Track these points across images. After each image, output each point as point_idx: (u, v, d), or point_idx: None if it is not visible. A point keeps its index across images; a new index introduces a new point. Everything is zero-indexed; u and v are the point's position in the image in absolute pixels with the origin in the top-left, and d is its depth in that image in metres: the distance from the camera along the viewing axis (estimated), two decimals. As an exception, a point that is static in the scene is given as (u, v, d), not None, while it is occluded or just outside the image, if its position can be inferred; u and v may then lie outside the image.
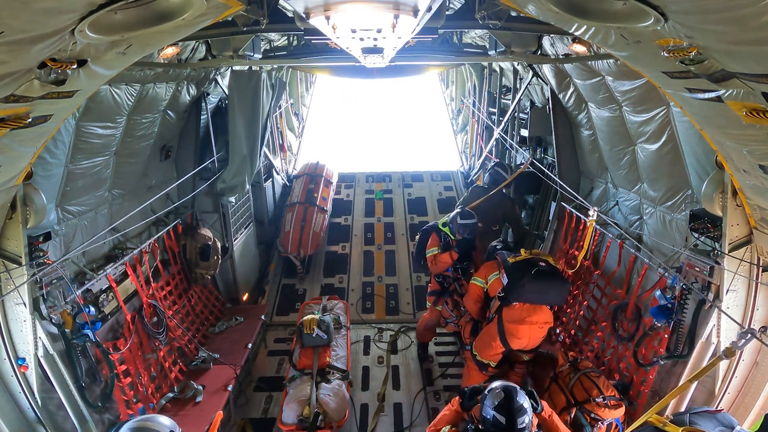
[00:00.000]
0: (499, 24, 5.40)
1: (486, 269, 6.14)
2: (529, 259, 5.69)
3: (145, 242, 6.68)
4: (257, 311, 8.64)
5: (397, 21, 3.25)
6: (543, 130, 8.50)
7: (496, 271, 5.93)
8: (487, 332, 5.85)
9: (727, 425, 3.25)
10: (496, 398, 3.48)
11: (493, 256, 6.27)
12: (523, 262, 5.65)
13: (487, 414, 3.47)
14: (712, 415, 3.33)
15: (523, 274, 5.45)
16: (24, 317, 4.50)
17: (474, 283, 6.22)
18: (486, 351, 5.82)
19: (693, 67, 2.53)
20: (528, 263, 5.60)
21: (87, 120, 5.21)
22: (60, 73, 2.72)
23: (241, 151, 8.22)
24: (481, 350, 5.88)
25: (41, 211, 4.51)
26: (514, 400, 3.46)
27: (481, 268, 6.27)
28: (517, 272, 5.52)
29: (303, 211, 10.56)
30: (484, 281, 6.08)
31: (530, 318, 5.51)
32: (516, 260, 5.71)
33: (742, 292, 4.33)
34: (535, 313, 5.53)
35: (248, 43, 6.50)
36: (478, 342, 5.97)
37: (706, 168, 4.58)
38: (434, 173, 14.40)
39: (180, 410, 5.94)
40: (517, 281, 5.46)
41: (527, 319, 5.50)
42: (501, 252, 6.06)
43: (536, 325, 5.56)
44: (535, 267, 5.48)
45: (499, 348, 5.70)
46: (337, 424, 5.59)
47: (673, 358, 4.76)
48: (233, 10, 3.85)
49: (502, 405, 3.44)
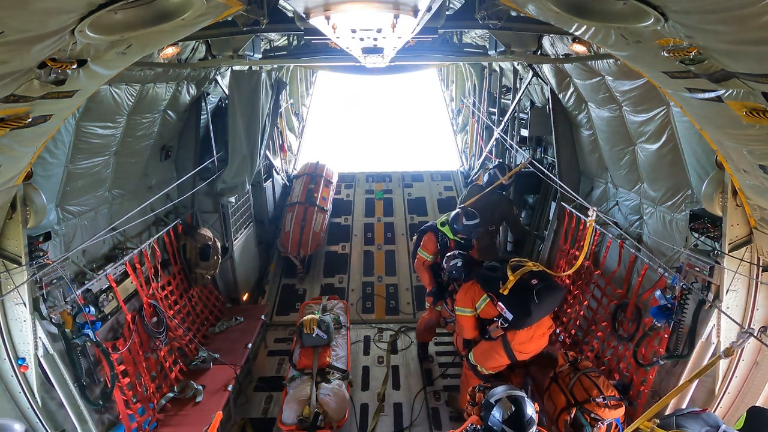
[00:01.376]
0: (499, 24, 5.40)
1: (467, 295, 5.76)
2: (520, 282, 5.39)
3: (145, 242, 6.68)
4: (257, 311, 8.65)
5: (397, 21, 3.25)
6: (543, 130, 8.50)
7: (482, 295, 5.60)
8: (490, 347, 5.64)
9: (713, 425, 3.26)
10: (507, 410, 3.43)
11: (458, 276, 6.06)
12: (517, 288, 5.36)
13: (495, 425, 3.43)
14: (697, 416, 3.35)
15: (528, 304, 5.22)
16: (24, 317, 4.50)
17: (463, 315, 5.80)
18: (490, 363, 5.67)
19: (693, 67, 2.53)
20: (524, 289, 5.32)
21: (87, 120, 5.21)
22: (60, 73, 2.72)
23: (241, 151, 8.22)
24: (483, 363, 5.71)
25: (41, 211, 4.51)
26: (524, 412, 3.42)
27: (459, 293, 5.88)
28: (520, 305, 5.27)
29: (303, 211, 10.56)
30: (471, 309, 5.74)
31: (537, 333, 5.47)
32: (507, 288, 5.38)
33: (742, 292, 4.33)
34: (540, 327, 5.50)
35: (248, 43, 6.50)
36: (479, 355, 5.75)
37: (706, 168, 4.57)
38: (434, 173, 14.40)
39: (180, 410, 5.95)
40: (525, 316, 5.25)
41: (534, 336, 5.47)
42: (479, 274, 5.72)
43: (542, 336, 5.55)
44: (532, 289, 5.27)
45: (504, 362, 5.58)
46: (337, 424, 5.59)
47: (673, 358, 4.76)
48: (233, 10, 3.85)
49: (512, 418, 3.40)
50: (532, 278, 5.41)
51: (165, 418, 5.81)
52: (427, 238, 7.16)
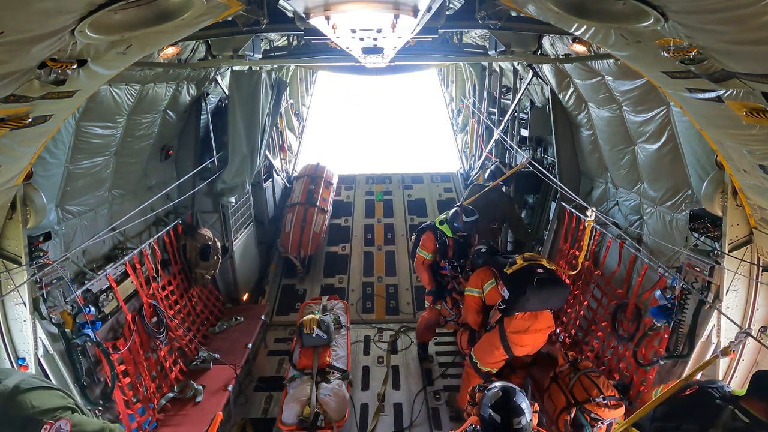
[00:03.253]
0: (499, 24, 5.39)
1: (478, 277, 5.87)
2: (526, 266, 5.48)
3: (145, 242, 6.68)
4: (257, 311, 8.64)
5: (397, 21, 3.25)
6: (543, 130, 8.49)
7: (491, 279, 5.70)
8: (488, 341, 5.69)
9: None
10: (494, 398, 3.48)
11: (479, 261, 6.11)
12: (521, 271, 5.44)
13: (484, 413, 3.47)
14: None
15: (525, 285, 5.27)
16: (24, 317, 4.50)
17: (470, 294, 5.90)
18: (487, 359, 5.69)
19: (693, 67, 2.53)
20: (526, 272, 5.39)
21: (87, 120, 5.20)
22: (60, 73, 2.72)
23: (241, 151, 8.22)
24: (482, 358, 5.73)
25: (41, 211, 4.51)
26: (512, 400, 3.45)
27: (472, 276, 6.00)
28: (518, 284, 5.33)
29: (303, 212, 10.56)
30: (480, 290, 5.82)
31: (534, 326, 5.44)
32: (513, 270, 5.48)
33: (742, 292, 4.33)
34: (538, 321, 5.45)
35: (248, 43, 6.49)
36: (478, 351, 5.80)
37: (706, 168, 4.57)
38: (434, 175, 14.47)
39: (180, 410, 5.94)
40: (520, 294, 5.28)
41: (531, 328, 5.43)
42: (494, 258, 5.84)
43: (540, 333, 5.51)
44: (535, 275, 5.31)
45: (501, 356, 5.59)
46: (337, 424, 5.59)
47: (673, 358, 4.76)
48: (233, 10, 3.85)
49: (499, 404, 3.43)
50: (539, 268, 5.45)
51: (165, 418, 5.81)
52: (425, 237, 7.16)
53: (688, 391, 2.99)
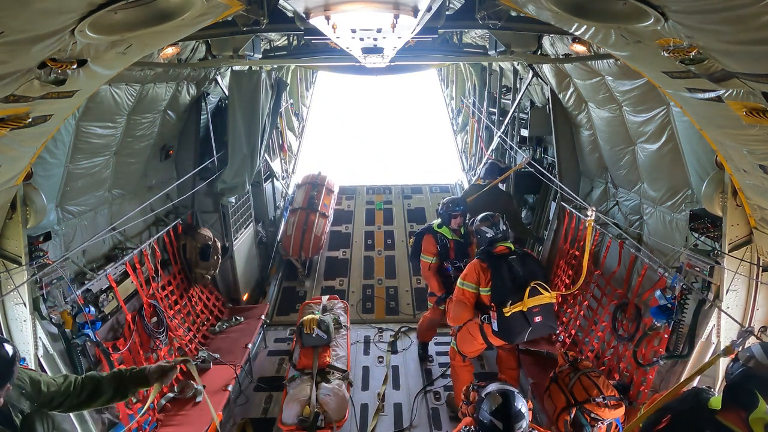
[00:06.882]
0: (499, 24, 5.39)
1: (476, 272, 5.56)
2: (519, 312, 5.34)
3: (145, 242, 6.68)
4: (257, 311, 8.63)
5: (397, 21, 3.25)
6: (543, 130, 8.49)
7: (488, 286, 5.47)
8: (467, 330, 5.87)
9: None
10: (494, 403, 3.44)
11: (484, 251, 5.85)
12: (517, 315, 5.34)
13: (484, 418, 3.45)
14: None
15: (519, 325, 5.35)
16: (24, 317, 4.50)
17: (464, 288, 5.56)
18: (467, 348, 5.93)
19: (693, 67, 2.53)
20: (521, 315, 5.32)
21: (87, 120, 5.20)
22: (60, 73, 2.71)
23: (241, 150, 8.22)
24: (462, 347, 6.00)
25: (41, 211, 4.50)
26: (512, 405, 3.42)
27: (470, 267, 5.66)
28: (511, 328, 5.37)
29: (305, 216, 10.67)
30: (475, 286, 5.54)
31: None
32: (511, 311, 5.29)
33: (742, 291, 4.33)
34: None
35: (248, 43, 6.49)
36: (460, 341, 6.02)
37: (706, 168, 4.57)
38: (433, 186, 14.81)
39: (180, 410, 5.94)
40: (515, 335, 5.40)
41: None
42: (495, 262, 5.53)
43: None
44: (530, 326, 5.33)
45: (480, 345, 5.81)
46: (337, 424, 5.59)
47: (673, 358, 4.76)
48: (233, 10, 3.85)
49: (499, 410, 3.40)
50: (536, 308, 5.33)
51: (165, 418, 5.80)
52: (426, 240, 7.18)
53: (663, 422, 2.96)
